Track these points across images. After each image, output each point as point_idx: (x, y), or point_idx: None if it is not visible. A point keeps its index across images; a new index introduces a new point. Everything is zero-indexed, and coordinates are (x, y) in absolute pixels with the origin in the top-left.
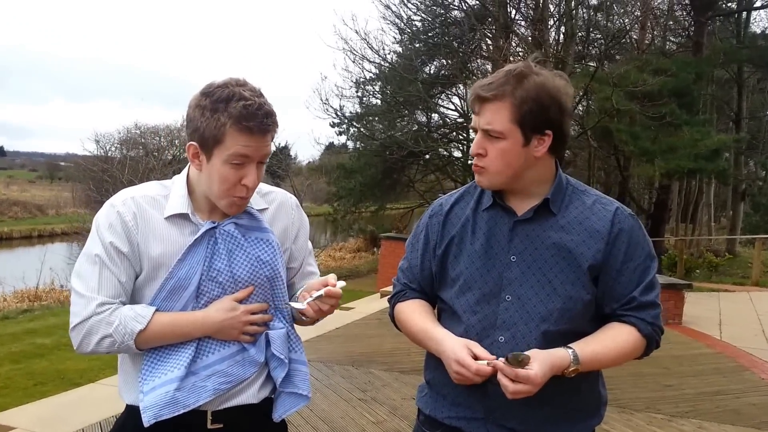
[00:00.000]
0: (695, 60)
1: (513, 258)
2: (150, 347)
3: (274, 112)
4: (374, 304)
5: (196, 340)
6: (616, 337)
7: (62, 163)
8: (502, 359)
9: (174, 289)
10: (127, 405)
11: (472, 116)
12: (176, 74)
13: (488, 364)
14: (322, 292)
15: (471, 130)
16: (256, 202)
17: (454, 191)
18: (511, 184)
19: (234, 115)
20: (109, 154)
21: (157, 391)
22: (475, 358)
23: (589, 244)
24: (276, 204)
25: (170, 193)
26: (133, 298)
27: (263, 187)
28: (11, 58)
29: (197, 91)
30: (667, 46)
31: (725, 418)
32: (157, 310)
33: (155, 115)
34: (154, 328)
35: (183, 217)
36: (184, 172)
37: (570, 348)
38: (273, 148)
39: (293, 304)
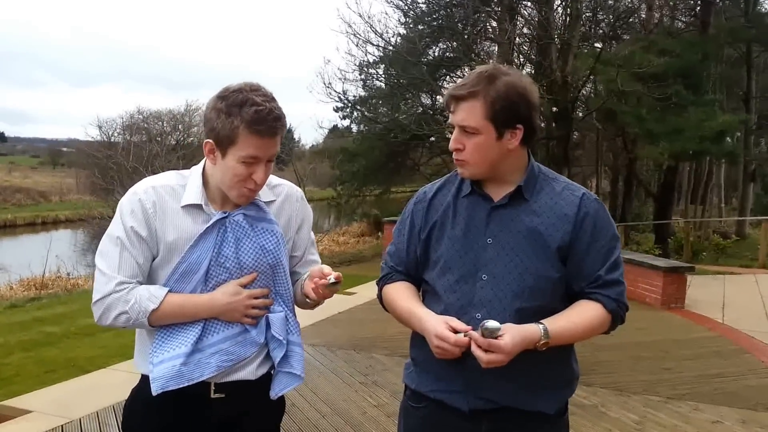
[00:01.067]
0: (701, 40)
1: (489, 240)
2: (162, 324)
3: (283, 115)
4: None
5: (203, 320)
6: (582, 313)
7: (64, 149)
8: (477, 332)
9: (185, 273)
10: (141, 375)
11: (449, 115)
12: (177, 56)
13: (465, 335)
14: (333, 278)
15: (448, 127)
16: (264, 194)
17: (437, 180)
18: (489, 174)
19: (246, 119)
20: (112, 140)
21: (165, 364)
22: (455, 332)
23: (558, 226)
24: (283, 196)
25: (187, 184)
26: (149, 279)
27: (272, 179)
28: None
29: (214, 93)
30: (675, 26)
31: (722, 400)
32: (169, 291)
33: (157, 99)
34: (166, 308)
35: (197, 207)
36: (201, 164)
37: (541, 324)
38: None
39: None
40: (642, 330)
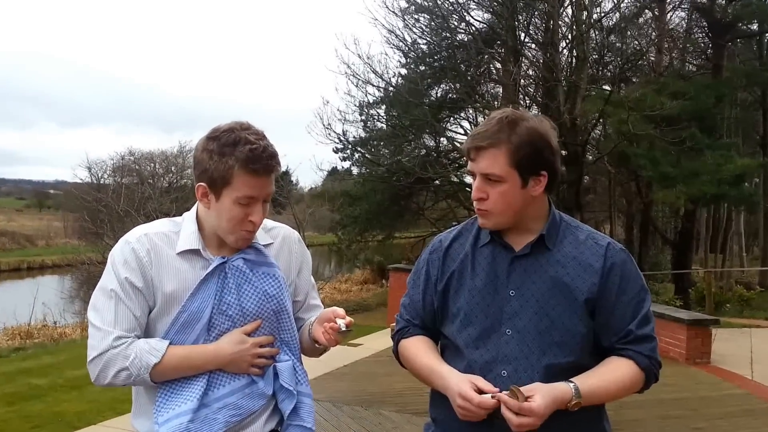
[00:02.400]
0: (714, 83)
1: (512, 292)
2: (165, 379)
3: (276, 153)
4: (384, 340)
5: (208, 372)
6: (615, 371)
7: (51, 191)
8: (505, 392)
9: (187, 323)
10: None
11: (469, 162)
12: (173, 96)
13: (492, 397)
14: (344, 325)
15: (469, 174)
16: (261, 237)
17: (452, 228)
18: (512, 223)
19: (241, 158)
20: (102, 182)
21: (172, 422)
22: (480, 392)
23: (584, 278)
24: (280, 239)
25: (181, 230)
26: (147, 332)
27: (267, 222)
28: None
29: (203, 135)
30: (686, 68)
31: None
32: (170, 343)
33: (151, 140)
34: (168, 362)
35: (194, 252)
36: (194, 209)
37: (571, 382)
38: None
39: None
40: (668, 387)
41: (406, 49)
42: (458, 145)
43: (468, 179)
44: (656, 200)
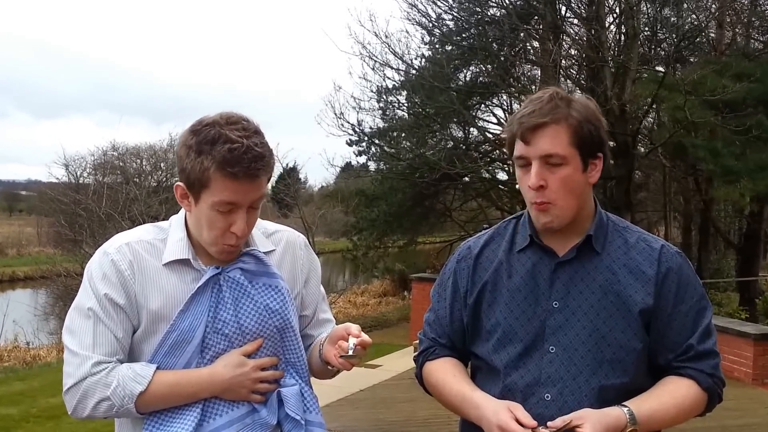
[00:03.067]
0: None
1: (556, 304)
2: (152, 410)
3: (264, 154)
4: (406, 360)
5: (202, 401)
6: (674, 393)
7: (23, 192)
8: (550, 425)
9: (176, 343)
10: None
11: (517, 147)
12: (163, 82)
13: (533, 431)
14: (356, 341)
15: (517, 163)
16: (262, 244)
17: (483, 232)
18: (573, 219)
19: (218, 159)
20: (80, 181)
21: None
22: (519, 423)
23: (637, 286)
24: (283, 244)
25: (168, 237)
26: (131, 356)
27: (269, 226)
28: None
29: (188, 125)
30: (752, 46)
31: None
32: (158, 368)
33: (137, 132)
34: (155, 389)
35: (183, 263)
36: (182, 213)
37: (625, 406)
38: (269, 186)
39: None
40: (731, 411)
41: (430, 26)
42: (490, 136)
43: (502, 176)
44: (718, 198)
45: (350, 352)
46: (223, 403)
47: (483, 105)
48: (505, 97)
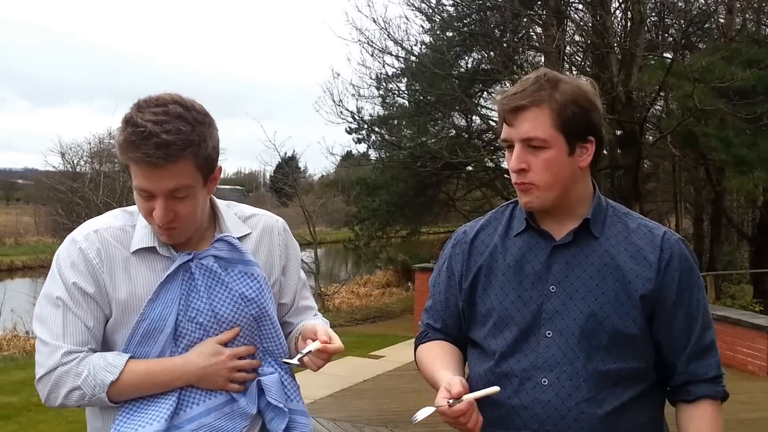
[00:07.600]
0: None
1: (552, 288)
2: (126, 399)
3: (172, 142)
4: (409, 351)
5: (179, 389)
6: (710, 429)
7: (20, 181)
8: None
9: (148, 333)
10: None
11: (504, 129)
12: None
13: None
14: (314, 346)
15: (503, 145)
16: (236, 228)
17: (479, 218)
18: (558, 202)
19: (120, 143)
20: (77, 170)
21: None
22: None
23: (638, 271)
24: (259, 229)
25: (137, 223)
26: (105, 346)
27: (245, 209)
28: None
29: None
30: (762, 32)
31: None
32: (131, 357)
33: None
34: (128, 378)
35: (151, 250)
36: None
37: None
38: (268, 176)
39: (287, 361)
40: (745, 405)
41: (430, 11)
42: (493, 124)
43: (505, 165)
44: (730, 188)
45: (295, 360)
46: (200, 392)
47: (485, 92)
48: (507, 84)
